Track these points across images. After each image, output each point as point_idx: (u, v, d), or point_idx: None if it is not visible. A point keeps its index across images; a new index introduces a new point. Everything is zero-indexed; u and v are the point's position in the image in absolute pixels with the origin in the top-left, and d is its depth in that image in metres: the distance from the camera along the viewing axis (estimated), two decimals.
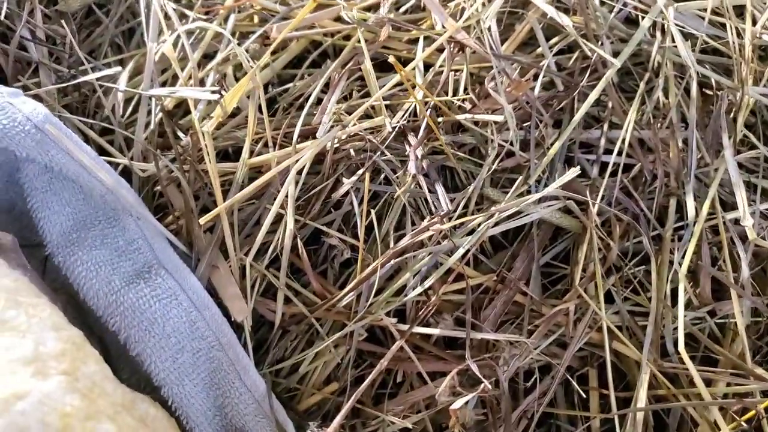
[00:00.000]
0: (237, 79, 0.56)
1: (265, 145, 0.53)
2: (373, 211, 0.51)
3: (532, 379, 0.51)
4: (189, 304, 0.48)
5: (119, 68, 0.53)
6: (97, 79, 0.52)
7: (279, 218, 0.51)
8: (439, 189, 0.50)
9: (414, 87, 0.52)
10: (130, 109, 0.54)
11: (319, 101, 0.55)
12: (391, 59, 0.49)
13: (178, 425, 0.47)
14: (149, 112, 0.52)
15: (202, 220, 0.48)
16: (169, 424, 0.45)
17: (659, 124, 0.56)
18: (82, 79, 0.52)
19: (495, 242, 0.56)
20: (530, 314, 0.52)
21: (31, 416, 0.35)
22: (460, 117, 0.52)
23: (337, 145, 0.52)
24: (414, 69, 0.54)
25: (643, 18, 0.57)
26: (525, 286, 0.52)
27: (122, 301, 0.48)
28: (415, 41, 0.58)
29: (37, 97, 0.53)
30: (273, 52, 0.55)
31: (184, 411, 0.47)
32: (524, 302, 0.53)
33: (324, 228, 0.53)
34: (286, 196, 0.50)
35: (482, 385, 0.47)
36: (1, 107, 0.48)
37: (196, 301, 0.48)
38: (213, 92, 0.48)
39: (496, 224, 0.50)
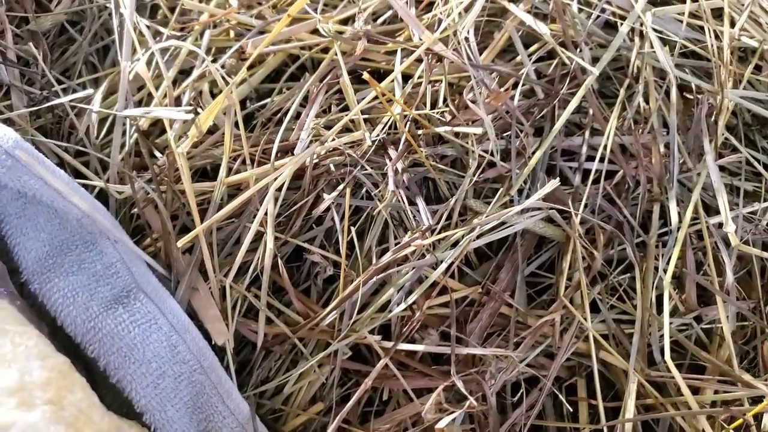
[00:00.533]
0: (214, 95, 0.55)
1: (244, 162, 0.53)
2: (353, 229, 0.50)
3: (520, 392, 0.51)
4: (169, 328, 0.47)
5: (91, 90, 0.52)
6: (71, 101, 0.51)
7: (259, 236, 0.51)
8: (420, 203, 0.49)
9: (390, 102, 0.52)
10: (105, 129, 0.53)
11: (297, 115, 0.54)
12: (366, 75, 0.48)
13: None
14: (124, 133, 0.52)
15: (180, 242, 0.47)
16: None
17: (640, 130, 0.56)
18: (55, 101, 0.52)
19: (479, 253, 0.56)
20: (516, 326, 0.52)
21: None
22: (440, 129, 0.52)
23: (316, 160, 0.52)
24: (393, 81, 0.54)
25: (621, 23, 0.57)
26: (510, 298, 0.52)
27: (100, 327, 0.47)
28: (394, 52, 0.57)
29: (9, 121, 0.52)
30: (250, 67, 0.54)
31: None
32: (510, 314, 0.52)
33: (305, 245, 0.52)
34: (266, 214, 0.49)
35: (468, 402, 0.47)
36: None
37: (176, 325, 0.48)
38: (188, 111, 0.47)
39: (479, 236, 0.50)
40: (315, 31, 0.58)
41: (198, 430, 0.47)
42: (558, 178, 0.49)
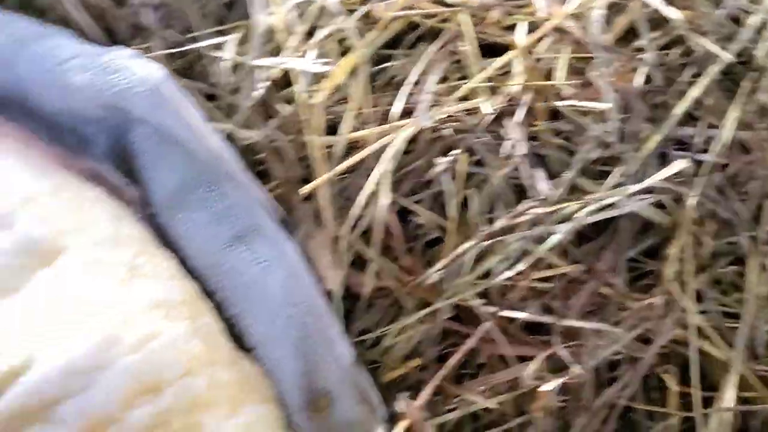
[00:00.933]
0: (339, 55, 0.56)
1: (362, 122, 0.54)
2: (468, 192, 0.52)
3: (615, 372, 0.51)
4: (284, 270, 0.49)
5: (228, 36, 0.54)
6: (205, 47, 0.54)
7: (371, 194, 0.52)
8: (539, 174, 0.50)
9: (517, 70, 0.53)
10: (235, 78, 0.55)
11: (416, 83, 0.56)
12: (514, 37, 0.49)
13: None
14: (254, 82, 0.54)
15: (304, 189, 0.49)
16: (267, 384, 0.47)
17: (759, 125, 0.55)
18: (191, 46, 0.54)
19: (579, 234, 0.56)
20: (615, 307, 0.52)
21: (163, 355, 0.37)
22: (561, 103, 0.52)
23: (434, 125, 0.53)
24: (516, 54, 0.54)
25: (748, 15, 0.56)
26: (613, 277, 0.52)
27: (222, 263, 0.49)
28: (510, 28, 0.58)
29: None
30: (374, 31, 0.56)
31: (274, 373, 0.49)
32: (610, 294, 0.53)
33: (414, 206, 0.53)
34: (381, 172, 0.51)
35: (569, 370, 0.47)
36: (119, 68, 0.50)
37: (291, 269, 0.50)
38: (324, 63, 0.49)
39: (592, 213, 0.50)
40: (437, 1, 0.59)
41: (302, 372, 0.49)
42: (681, 161, 0.49)
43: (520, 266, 0.50)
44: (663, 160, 0.55)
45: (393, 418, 0.49)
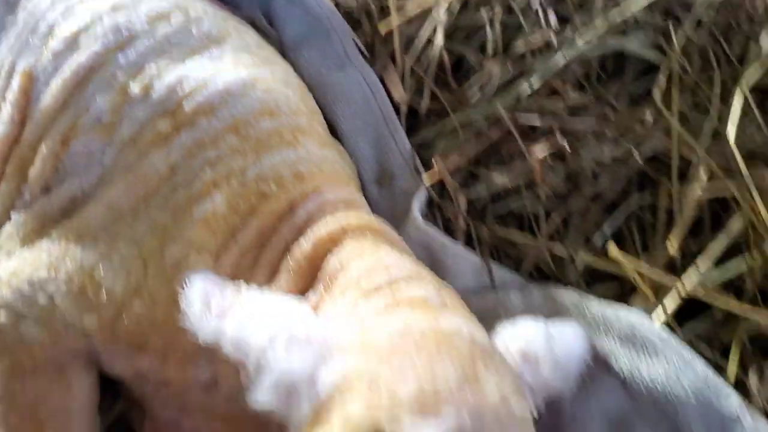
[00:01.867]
0: None
1: None
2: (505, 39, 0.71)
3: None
4: (367, 88, 0.72)
5: None
6: None
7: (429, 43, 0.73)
8: (551, 12, 0.68)
9: None
10: None
11: None
12: None
13: None
14: None
15: (381, 27, 0.71)
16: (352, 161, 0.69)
17: None
18: None
19: (597, 75, 0.72)
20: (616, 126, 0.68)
21: (281, 99, 0.60)
22: None
23: None
24: None
25: None
26: (614, 101, 0.68)
27: (326, 82, 0.72)
28: None
29: None
30: None
31: (356, 156, 0.71)
32: (611, 116, 0.68)
33: (463, 49, 0.73)
34: (437, 21, 0.71)
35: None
36: None
37: (372, 86, 0.72)
38: None
39: (587, 44, 0.67)
40: None
41: (374, 157, 0.71)
42: None
43: (535, 84, 0.68)
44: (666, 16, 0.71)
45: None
